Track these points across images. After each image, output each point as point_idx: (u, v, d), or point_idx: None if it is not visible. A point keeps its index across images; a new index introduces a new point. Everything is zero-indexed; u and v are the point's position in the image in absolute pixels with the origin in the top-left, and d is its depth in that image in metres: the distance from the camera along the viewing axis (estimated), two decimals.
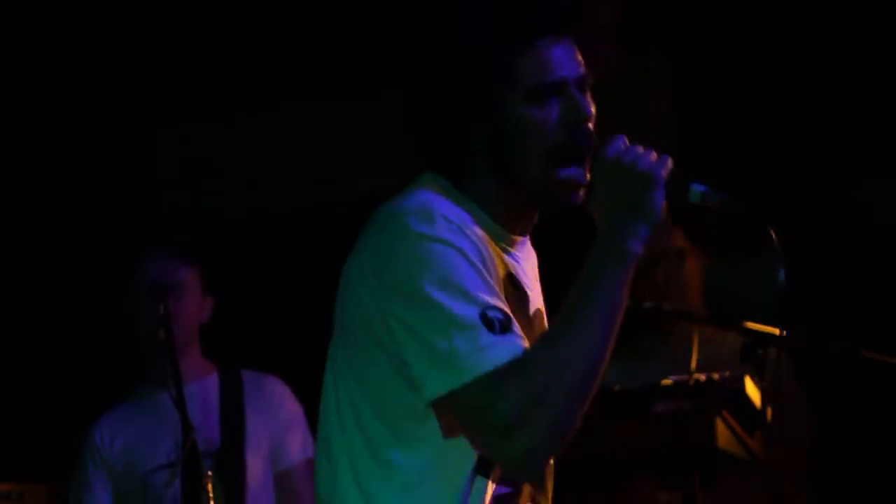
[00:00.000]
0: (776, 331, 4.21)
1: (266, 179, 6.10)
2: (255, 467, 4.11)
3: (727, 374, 4.17)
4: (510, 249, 2.38)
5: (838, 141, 5.53)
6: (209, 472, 3.87)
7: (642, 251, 2.23)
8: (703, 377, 4.15)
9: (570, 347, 2.15)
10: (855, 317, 5.36)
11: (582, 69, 2.34)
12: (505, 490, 2.32)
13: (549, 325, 2.33)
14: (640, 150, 2.28)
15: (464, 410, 2.17)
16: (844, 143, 5.52)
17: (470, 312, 2.16)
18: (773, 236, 2.35)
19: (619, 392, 4.30)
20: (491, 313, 2.17)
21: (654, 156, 2.28)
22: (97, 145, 5.97)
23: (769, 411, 4.16)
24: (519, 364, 2.14)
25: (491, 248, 2.31)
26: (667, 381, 4.19)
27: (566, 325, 2.17)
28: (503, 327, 2.16)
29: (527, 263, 2.43)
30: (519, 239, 2.40)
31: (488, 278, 2.22)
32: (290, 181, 6.07)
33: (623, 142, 2.29)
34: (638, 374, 4.65)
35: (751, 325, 4.23)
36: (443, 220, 2.23)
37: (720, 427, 4.18)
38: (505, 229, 2.36)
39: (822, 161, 5.56)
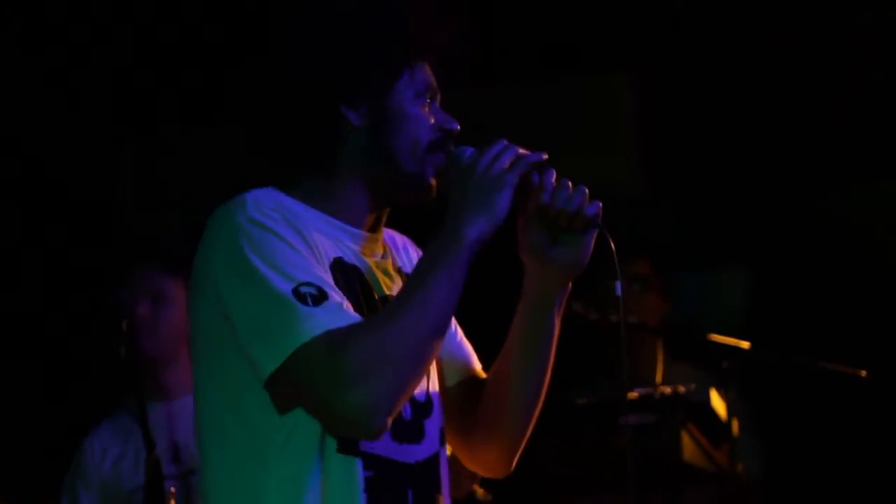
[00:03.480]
0: (741, 343, 4.24)
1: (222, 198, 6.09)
2: None
3: (692, 386, 4.19)
4: (345, 239, 2.45)
5: (803, 151, 5.56)
6: (172, 489, 3.85)
7: (479, 240, 2.34)
8: (668, 390, 4.17)
9: (413, 315, 2.26)
10: (820, 327, 5.39)
11: (439, 92, 2.52)
12: (366, 474, 2.36)
13: (393, 299, 2.41)
14: (502, 153, 2.39)
15: (298, 377, 2.24)
16: (809, 154, 5.55)
17: (284, 289, 2.26)
18: (611, 245, 2.47)
19: (585, 405, 4.31)
20: (304, 289, 2.26)
21: (511, 156, 2.39)
22: (59, 165, 5.96)
23: (734, 423, 4.19)
24: (361, 326, 2.25)
25: (320, 237, 2.39)
26: (633, 395, 4.21)
27: (409, 297, 2.29)
28: (315, 300, 2.25)
29: (370, 250, 2.49)
30: (364, 233, 2.48)
31: (306, 257, 2.31)
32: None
33: (477, 149, 2.42)
34: (603, 388, 4.67)
35: (716, 337, 4.26)
36: (255, 207, 2.34)
37: (686, 439, 4.20)
38: (344, 223, 2.46)
39: (788, 171, 5.59)
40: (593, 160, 5.74)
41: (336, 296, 2.28)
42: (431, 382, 2.50)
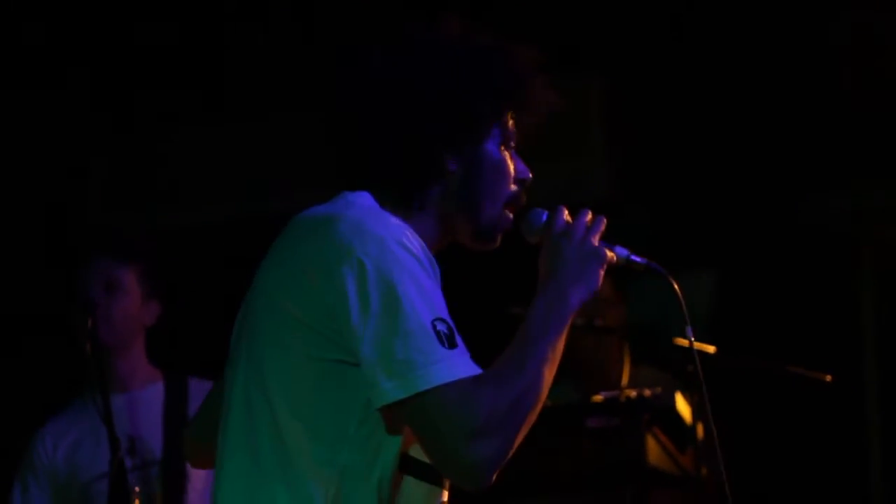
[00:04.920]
0: (707, 347, 4.26)
1: (207, 196, 6.09)
2: (198, 479, 4.07)
3: (658, 390, 4.20)
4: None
5: (772, 156, 5.58)
6: (136, 489, 3.84)
7: (578, 308, 2.44)
8: (633, 393, 4.18)
9: (536, 371, 2.31)
10: (786, 331, 5.42)
11: None
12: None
13: (507, 352, 2.42)
14: (594, 226, 2.54)
15: (426, 416, 2.24)
16: (778, 159, 5.57)
17: (425, 321, 2.26)
18: (679, 293, 2.73)
19: (550, 408, 4.31)
20: (439, 325, 2.28)
21: (589, 221, 2.55)
22: (32, 163, 5.95)
23: (699, 427, 4.19)
24: (490, 380, 2.28)
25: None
26: (598, 398, 4.21)
27: (530, 352, 2.34)
28: (449, 341, 2.27)
29: None
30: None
31: (437, 289, 2.33)
32: (230, 196, 6.06)
33: (565, 214, 2.56)
34: (569, 391, 4.68)
35: (681, 341, 4.27)
36: (396, 227, 2.34)
37: (651, 443, 4.20)
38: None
39: (756, 175, 5.61)
40: (563, 162, 5.75)
41: (460, 340, 2.31)
42: None
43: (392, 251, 2.29)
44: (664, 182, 5.76)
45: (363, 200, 2.42)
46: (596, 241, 2.52)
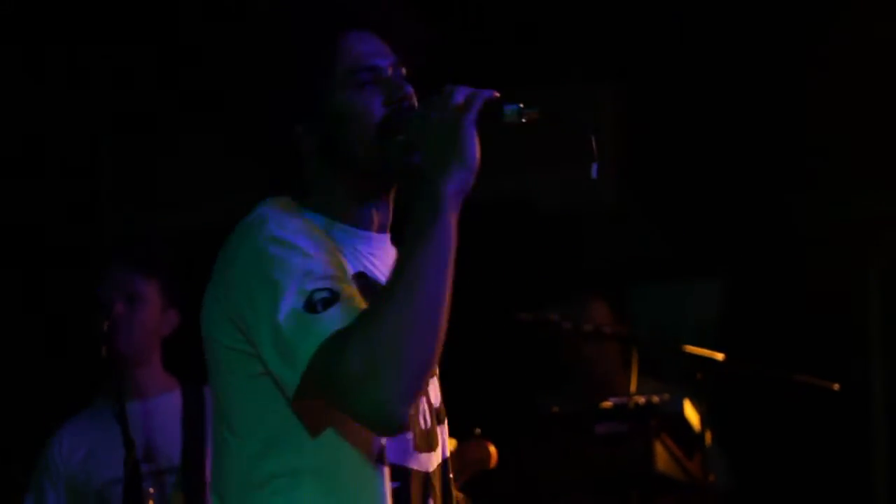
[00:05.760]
0: (716, 355, 4.27)
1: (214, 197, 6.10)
2: None
3: (666, 396, 4.21)
4: (361, 247, 2.40)
5: (778, 164, 5.59)
6: (150, 490, 3.86)
7: (459, 191, 2.24)
8: (642, 400, 4.19)
9: (407, 297, 2.16)
10: (793, 339, 5.43)
11: (392, 56, 2.41)
12: (393, 485, 2.33)
13: (385, 283, 2.31)
14: (451, 97, 2.29)
15: (320, 386, 2.18)
16: (784, 167, 5.58)
17: (296, 305, 2.19)
18: (594, 142, 2.34)
19: (559, 414, 4.33)
20: (317, 295, 2.20)
21: (463, 96, 2.29)
22: (44, 160, 5.96)
23: (707, 434, 4.21)
24: (358, 322, 2.16)
25: (334, 247, 2.32)
26: (607, 404, 4.23)
27: (399, 278, 2.19)
28: (326, 303, 2.19)
29: (386, 258, 2.42)
30: (374, 234, 2.42)
31: (321, 260, 2.25)
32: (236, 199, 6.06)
33: (435, 97, 2.31)
34: (578, 397, 4.70)
35: (690, 348, 4.28)
36: (273, 223, 2.28)
37: (659, 449, 4.22)
38: (354, 227, 2.40)
39: (763, 183, 5.62)
40: (571, 171, 5.77)
41: (348, 291, 2.21)
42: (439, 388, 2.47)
43: (264, 252, 2.25)
44: (672, 190, 5.77)
45: (262, 208, 2.36)
46: (461, 107, 2.27)
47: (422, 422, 2.38)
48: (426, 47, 2.45)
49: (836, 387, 4.30)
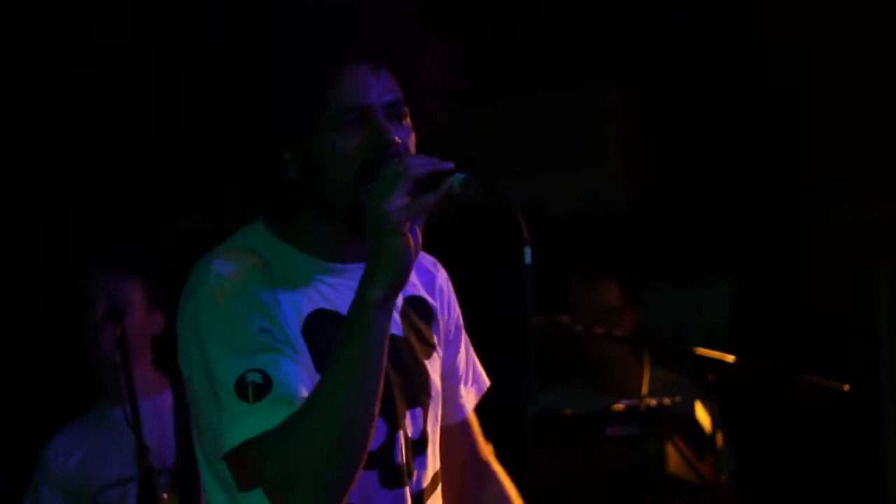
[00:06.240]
0: (726, 357, 4.28)
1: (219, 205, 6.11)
2: None
3: (678, 398, 4.22)
4: (330, 279, 2.35)
5: (789, 167, 5.60)
6: (164, 495, 3.87)
7: (387, 297, 2.18)
8: (654, 402, 4.20)
9: (328, 407, 2.15)
10: (803, 341, 5.43)
11: (391, 95, 2.31)
12: None
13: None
14: (388, 183, 2.19)
15: (239, 473, 2.25)
16: (795, 169, 5.59)
17: (228, 378, 2.19)
18: (520, 218, 2.21)
19: (571, 416, 4.34)
20: (249, 377, 2.19)
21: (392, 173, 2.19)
22: (53, 171, 5.98)
23: (719, 436, 4.22)
24: (280, 429, 2.16)
25: (298, 286, 2.30)
26: (618, 406, 4.24)
27: (321, 388, 2.18)
28: (257, 391, 2.18)
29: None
30: (350, 266, 2.35)
31: (258, 332, 2.22)
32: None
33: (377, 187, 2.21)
34: (589, 399, 4.70)
35: (701, 350, 4.29)
36: (217, 278, 2.25)
37: (671, 451, 4.23)
38: (326, 260, 2.35)
39: (773, 186, 5.63)
40: (580, 175, 5.78)
41: (285, 375, 2.19)
42: (432, 416, 2.43)
43: (206, 305, 2.24)
44: (681, 194, 5.78)
45: (234, 237, 2.36)
46: (391, 201, 2.16)
47: (398, 456, 2.35)
48: (443, 82, 2.37)
49: (846, 388, 4.31)
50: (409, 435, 2.37)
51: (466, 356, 2.59)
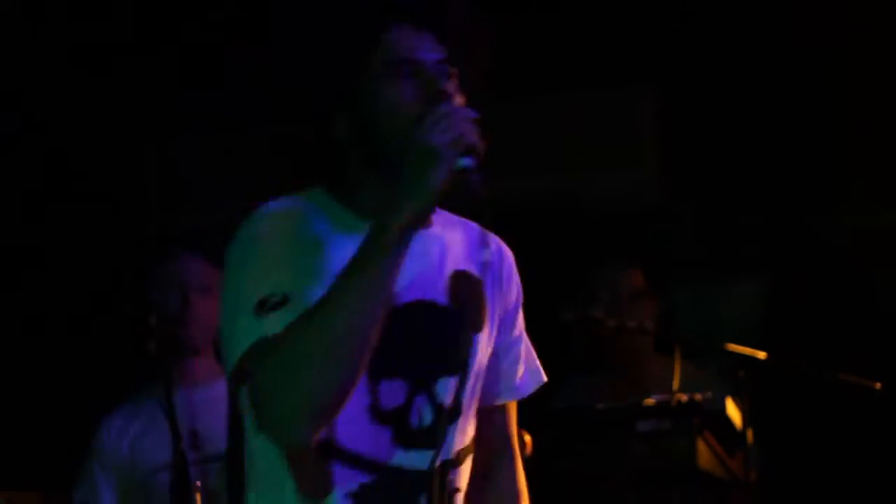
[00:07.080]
0: (758, 353, 4.28)
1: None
2: None
3: (709, 394, 4.23)
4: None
5: (823, 164, 5.60)
6: (198, 483, 3.88)
7: (407, 226, 2.18)
8: (685, 397, 4.20)
9: (324, 323, 2.16)
10: (836, 338, 5.43)
11: (440, 54, 2.34)
12: (366, 479, 2.34)
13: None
14: (442, 120, 2.19)
15: (243, 385, 2.28)
16: (829, 167, 5.59)
17: (246, 301, 2.24)
18: (489, 218, 2.27)
19: (602, 410, 4.35)
20: (272, 300, 2.22)
21: (459, 127, 2.19)
22: (88, 163, 6.04)
23: (750, 433, 4.22)
24: (281, 334, 2.19)
25: (338, 242, 2.31)
26: (649, 401, 4.25)
27: (323, 302, 2.19)
28: (274, 307, 2.22)
29: (417, 248, 2.31)
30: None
31: (283, 267, 2.26)
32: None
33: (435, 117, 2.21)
34: (621, 394, 4.71)
35: (732, 346, 4.30)
36: (256, 221, 2.34)
37: (701, 447, 4.23)
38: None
39: (807, 183, 5.63)
40: (615, 172, 5.80)
41: (302, 294, 2.22)
42: (469, 387, 2.43)
43: (238, 254, 2.31)
44: (717, 190, 5.79)
45: (264, 205, 2.40)
46: (446, 139, 2.17)
47: (414, 419, 2.37)
48: (485, 50, 2.41)
49: (878, 386, 4.31)
50: (442, 402, 2.38)
51: (525, 343, 2.61)
